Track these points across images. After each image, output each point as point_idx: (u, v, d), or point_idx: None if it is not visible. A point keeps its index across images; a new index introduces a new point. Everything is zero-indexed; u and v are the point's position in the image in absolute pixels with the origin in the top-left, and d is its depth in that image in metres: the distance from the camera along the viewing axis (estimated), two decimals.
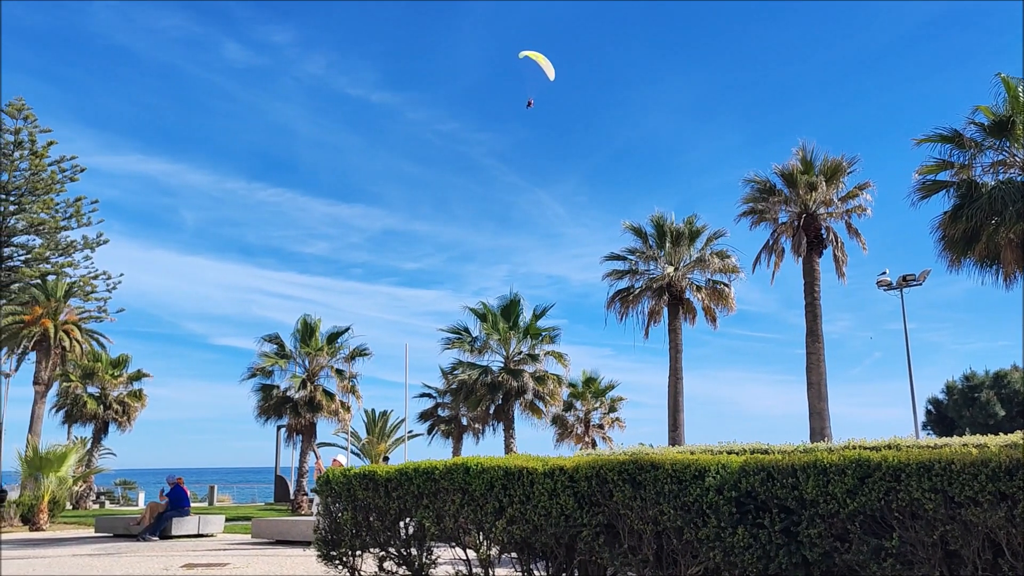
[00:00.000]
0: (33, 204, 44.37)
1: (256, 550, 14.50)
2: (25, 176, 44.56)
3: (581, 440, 36.70)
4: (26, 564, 12.47)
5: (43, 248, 44.48)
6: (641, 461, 6.47)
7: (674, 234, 28.75)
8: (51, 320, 35.92)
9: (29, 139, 44.78)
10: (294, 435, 31.01)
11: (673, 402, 27.34)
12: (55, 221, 44.78)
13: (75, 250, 45.36)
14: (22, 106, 45.12)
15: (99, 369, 35.83)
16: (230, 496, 44.58)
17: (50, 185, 44.94)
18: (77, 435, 36.51)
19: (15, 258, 44.60)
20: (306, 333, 30.64)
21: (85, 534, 19.27)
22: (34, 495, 21.14)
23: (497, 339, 29.97)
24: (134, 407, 36.36)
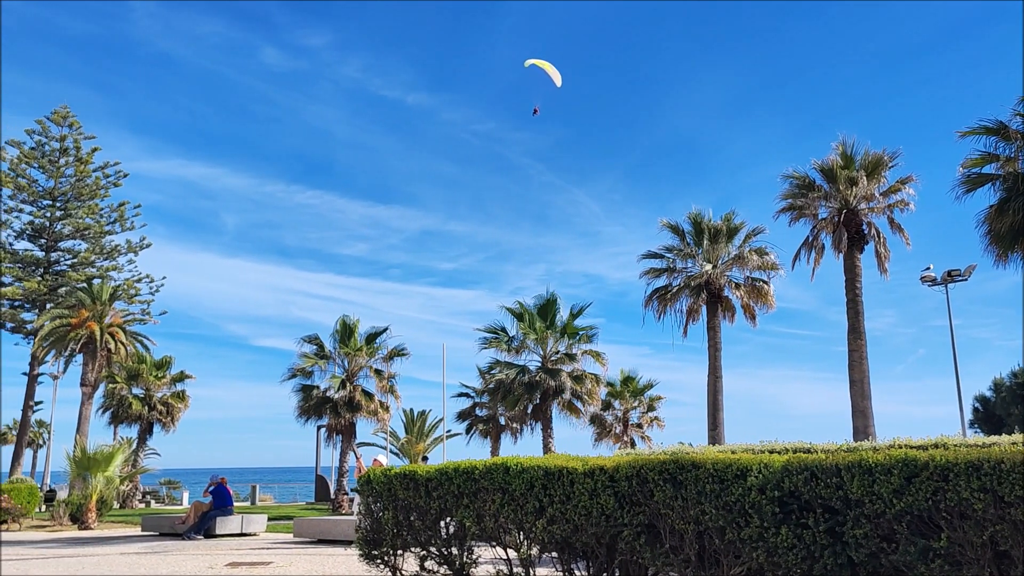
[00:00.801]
0: (79, 209, 45.37)
1: (298, 549, 14.66)
2: (71, 182, 45.58)
3: (620, 439, 36.56)
4: (76, 563, 12.74)
5: (88, 252, 45.43)
6: (682, 461, 6.43)
7: (712, 231, 28.52)
8: (97, 323, 36.62)
9: (74, 146, 45.81)
10: (334, 435, 31.27)
11: (712, 401, 27.13)
12: (100, 226, 45.72)
13: (119, 254, 46.30)
14: (67, 114, 46.13)
15: (143, 371, 36.47)
16: (272, 496, 45.12)
17: (95, 191, 45.91)
18: (123, 435, 37.22)
19: (62, 262, 45.62)
20: (345, 334, 30.87)
21: (132, 533, 19.63)
22: (82, 494, 21.57)
23: (534, 338, 29.95)
24: (177, 408, 36.96)
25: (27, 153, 44.51)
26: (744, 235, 28.66)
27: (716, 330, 27.78)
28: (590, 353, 30.25)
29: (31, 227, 45.04)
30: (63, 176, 45.53)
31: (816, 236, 26.38)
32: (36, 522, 23.09)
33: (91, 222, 45.44)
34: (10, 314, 43.56)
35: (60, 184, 45.40)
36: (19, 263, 44.05)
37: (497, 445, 35.34)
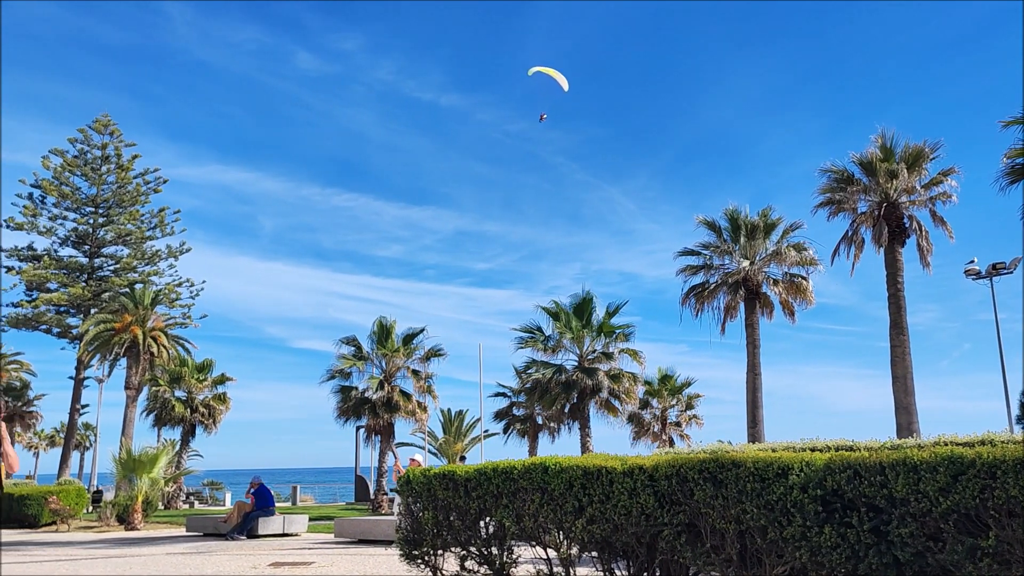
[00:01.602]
0: (120, 216, 46.20)
1: (339, 549, 14.79)
2: (112, 189, 46.43)
3: (658, 438, 36.36)
4: (124, 563, 12.97)
5: (130, 258, 46.24)
6: (722, 459, 6.39)
7: (749, 227, 28.25)
8: (139, 327, 37.25)
9: (115, 153, 46.65)
10: (373, 435, 31.50)
11: (752, 398, 26.88)
12: (141, 231, 46.52)
13: (160, 259, 47.06)
14: (108, 122, 46.98)
15: (185, 373, 37.01)
16: (312, 496, 45.56)
17: (136, 197, 46.72)
18: (166, 437, 37.79)
19: (105, 268, 46.49)
20: (382, 335, 31.09)
21: (177, 533, 19.95)
22: (128, 496, 21.97)
23: (570, 338, 29.89)
24: (219, 410, 37.45)
25: (70, 161, 45.41)
26: (782, 231, 28.36)
27: (754, 327, 27.52)
28: (627, 352, 30.11)
29: (75, 234, 45.95)
30: (105, 183, 46.39)
31: (856, 230, 26.00)
32: (84, 523, 23.57)
33: (132, 228, 46.24)
34: (56, 319, 44.48)
35: (102, 191, 46.27)
36: (64, 269, 44.96)
37: (534, 445, 35.34)
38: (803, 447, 11.23)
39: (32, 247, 45.45)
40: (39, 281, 44.00)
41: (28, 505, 23.63)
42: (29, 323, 44.29)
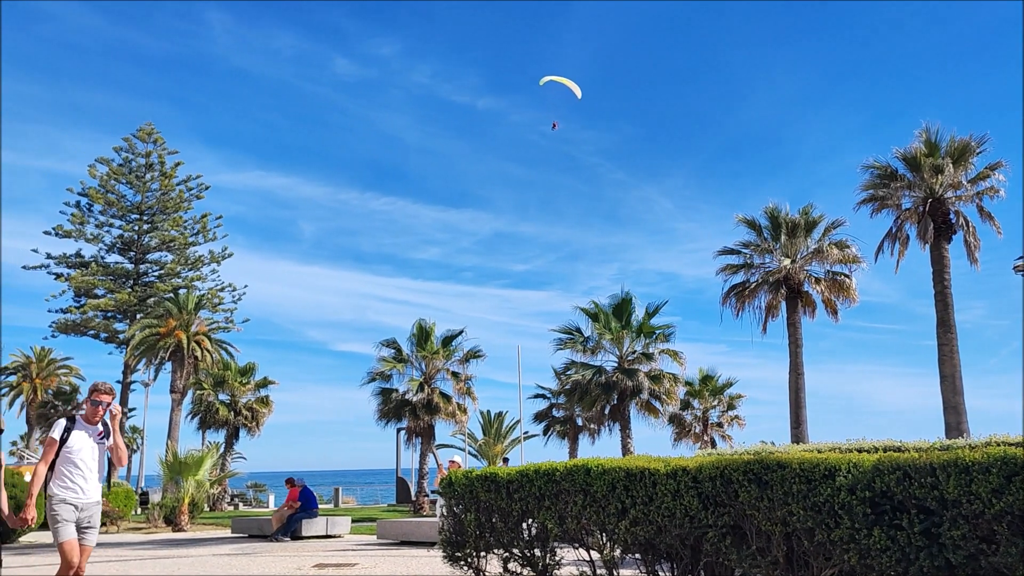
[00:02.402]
0: (164, 222, 47.02)
1: (382, 551, 14.88)
2: (156, 196, 47.27)
3: (700, 439, 36.07)
4: (172, 564, 13.19)
5: (174, 263, 47.04)
6: (767, 460, 6.31)
7: (789, 225, 27.92)
8: (184, 332, 37.87)
9: (159, 161, 47.49)
10: (413, 437, 31.64)
11: (794, 398, 26.55)
12: (184, 237, 47.29)
13: (203, 264, 47.83)
14: (151, 130, 47.85)
15: (229, 377, 37.52)
16: (354, 498, 45.92)
17: (179, 204, 47.52)
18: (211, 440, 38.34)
19: (150, 274, 47.34)
20: (422, 337, 31.23)
21: (222, 534, 20.23)
22: (175, 498, 22.34)
23: (610, 339, 29.77)
24: (262, 413, 37.91)
25: (115, 170, 46.32)
26: (823, 228, 27.99)
27: (796, 326, 27.19)
28: (667, 352, 29.91)
29: (121, 240, 46.85)
30: (149, 190, 47.25)
31: (900, 227, 25.58)
32: (133, 524, 24.01)
33: (176, 234, 47.03)
34: (103, 325, 45.40)
35: (147, 198, 47.14)
36: (111, 275, 45.86)
37: (575, 446, 35.25)
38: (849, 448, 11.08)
39: (80, 254, 46.45)
40: (87, 287, 44.94)
41: None
42: (78, 328, 45.27)
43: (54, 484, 6.69)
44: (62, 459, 6.73)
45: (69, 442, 6.78)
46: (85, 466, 6.79)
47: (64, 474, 6.71)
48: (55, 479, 6.70)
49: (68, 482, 6.69)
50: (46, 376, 54.75)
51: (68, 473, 6.71)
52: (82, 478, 6.75)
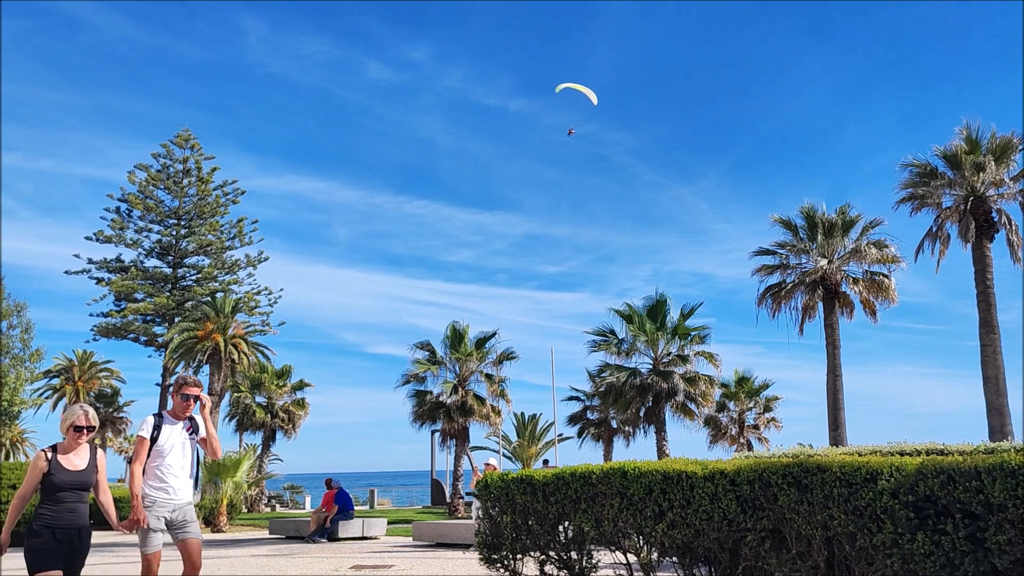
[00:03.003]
0: (201, 227, 47.62)
1: (418, 552, 14.93)
2: (193, 201, 47.89)
3: (736, 441, 35.76)
4: (212, 564, 13.35)
5: (211, 267, 47.62)
6: (806, 464, 6.23)
7: (826, 225, 27.58)
8: (221, 335, 38.30)
9: (196, 166, 48.12)
10: (448, 439, 31.72)
11: (832, 400, 26.21)
12: (221, 242, 47.87)
13: (239, 268, 48.35)
14: (188, 136, 48.50)
15: (265, 379, 37.89)
16: (389, 500, 46.13)
17: (215, 208, 48.10)
18: (248, 442, 38.75)
19: (187, 278, 47.98)
20: (455, 339, 31.30)
21: (260, 535, 20.44)
22: (214, 499, 22.63)
23: (644, 340, 29.62)
24: (298, 415, 38.22)
25: (154, 175, 47.02)
26: (861, 228, 27.61)
27: (834, 327, 26.85)
28: (703, 354, 29.69)
29: (159, 245, 47.54)
30: (186, 196, 47.89)
31: (940, 226, 25.17)
32: None
33: (213, 238, 47.62)
34: (143, 328, 46.10)
35: (184, 203, 47.78)
36: (150, 280, 46.56)
37: (609, 449, 35.11)
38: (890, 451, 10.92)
39: (120, 259, 47.19)
40: (127, 291, 45.66)
41: (120, 508, 24.50)
42: (118, 332, 46.00)
43: (145, 485, 6.38)
44: (152, 458, 6.41)
45: (159, 440, 6.44)
46: (176, 464, 6.48)
47: (155, 474, 6.40)
48: (146, 480, 6.40)
49: (160, 482, 6.40)
50: (88, 379, 55.78)
51: (159, 473, 6.40)
52: (174, 477, 6.45)
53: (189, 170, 47.98)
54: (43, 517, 5.70)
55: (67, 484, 5.72)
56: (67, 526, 5.68)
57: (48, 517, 5.69)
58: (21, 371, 21.12)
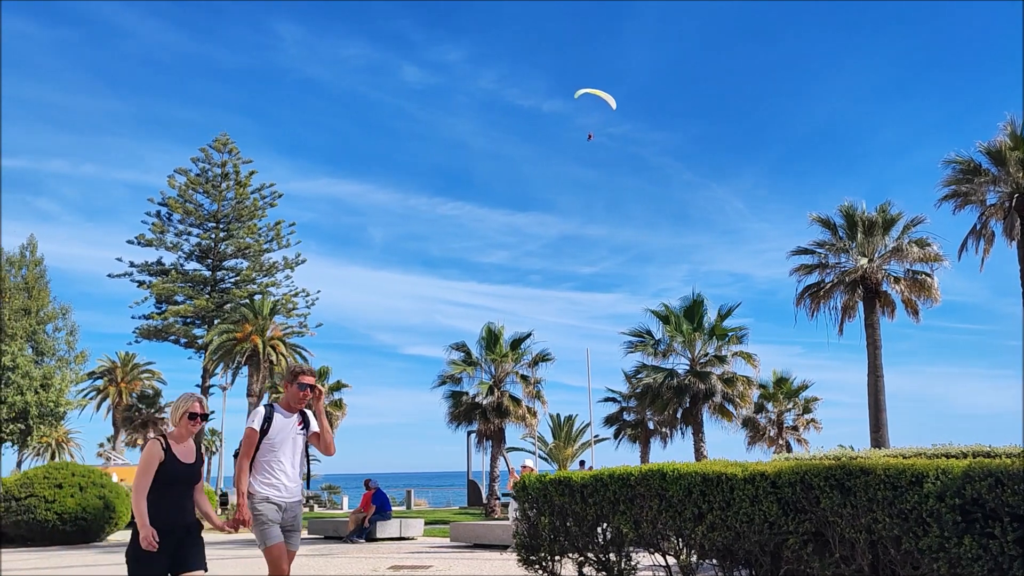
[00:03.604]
0: (239, 230, 48.22)
1: (455, 553, 14.97)
2: (232, 204, 48.51)
3: (774, 443, 35.37)
4: (252, 563, 13.50)
5: (250, 270, 48.20)
6: (850, 466, 6.15)
7: (866, 224, 27.16)
8: (259, 336, 38.76)
9: (234, 170, 48.73)
10: (484, 440, 31.77)
11: (874, 401, 25.82)
12: (259, 244, 48.43)
13: (277, 270, 48.88)
14: (226, 140, 49.14)
15: None
16: (426, 500, 46.31)
17: (253, 211, 48.67)
18: None
19: (226, 280, 48.61)
20: (490, 340, 31.34)
21: None
22: None
23: (681, 341, 29.42)
24: (335, 415, 38.52)
25: (193, 180, 47.71)
26: (902, 226, 27.14)
27: (875, 327, 26.44)
28: (740, 355, 29.42)
29: (199, 248, 48.22)
30: (225, 199, 48.52)
31: (985, 224, 24.67)
32: None
33: (251, 241, 48.19)
34: (183, 330, 46.79)
35: (222, 207, 48.41)
36: (189, 282, 47.24)
37: (646, 450, 34.91)
38: (935, 453, 10.71)
39: (160, 262, 47.95)
40: (167, 294, 46.38)
41: None
42: (159, 334, 46.74)
43: (254, 481, 5.88)
44: (262, 452, 5.93)
45: (270, 433, 5.96)
46: (287, 460, 5.99)
47: (265, 469, 5.92)
48: (255, 475, 5.90)
49: (270, 478, 5.91)
50: (130, 380, 56.74)
51: (270, 468, 5.92)
52: (283, 473, 5.96)
53: (227, 174, 48.60)
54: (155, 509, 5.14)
55: (179, 477, 5.29)
56: (176, 523, 5.22)
57: (162, 513, 5.16)
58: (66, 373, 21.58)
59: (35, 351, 21.15)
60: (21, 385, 20.23)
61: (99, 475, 20.11)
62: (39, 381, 20.80)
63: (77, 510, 18.43)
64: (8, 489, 18.78)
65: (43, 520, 17.98)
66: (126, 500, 20.35)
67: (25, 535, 18.14)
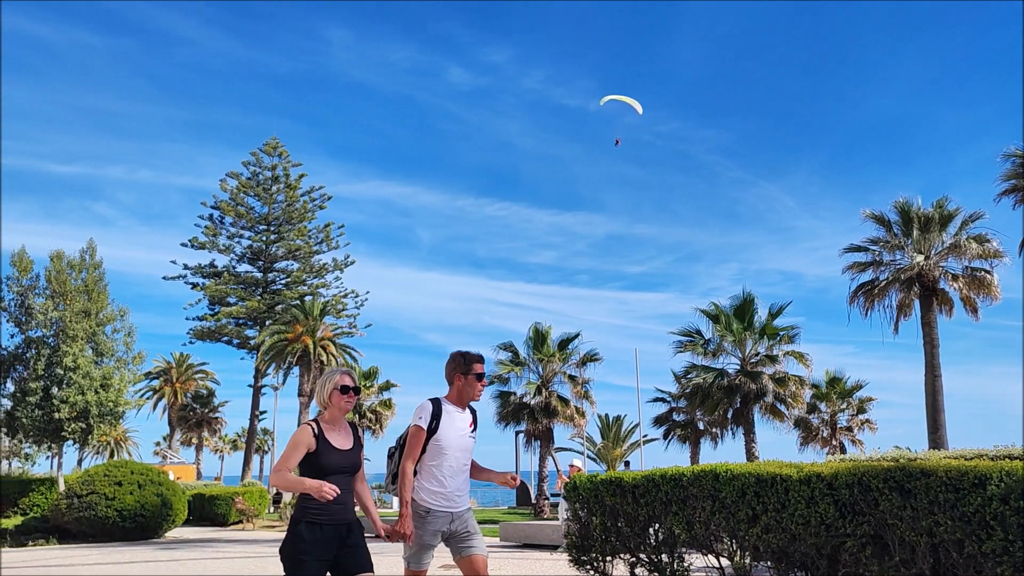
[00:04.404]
0: (290, 232, 48.90)
1: (505, 553, 14.99)
2: (282, 207, 49.21)
3: (827, 444, 34.78)
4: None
5: (300, 272, 48.86)
6: (910, 468, 6.02)
7: (922, 220, 26.54)
8: (310, 337, 39.24)
9: (284, 174, 49.44)
10: (532, 440, 31.78)
11: (931, 402, 25.22)
12: (309, 246, 49.05)
13: (327, 272, 49.46)
14: (276, 144, 49.86)
15: None
16: (475, 499, 46.46)
17: (303, 214, 49.32)
18: None
19: (277, 282, 49.33)
20: (538, 340, 31.34)
21: None
22: None
23: (731, 340, 29.08)
24: (385, 415, 38.85)
25: (244, 183, 48.51)
26: (960, 222, 26.44)
27: (932, 325, 25.82)
28: (792, 354, 28.98)
29: (250, 251, 49.01)
30: (275, 202, 49.24)
31: None
32: (267, 522, 25.06)
33: (301, 243, 48.84)
34: (236, 331, 47.61)
35: (273, 209, 49.13)
36: (242, 284, 48.06)
37: (696, 450, 34.59)
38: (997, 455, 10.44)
39: (213, 264, 48.84)
40: (220, 296, 47.23)
41: (217, 505, 25.40)
42: (213, 335, 47.63)
43: (420, 489, 5.07)
44: (430, 455, 5.12)
45: (438, 432, 5.12)
46: (457, 464, 5.16)
47: (433, 475, 5.08)
48: (420, 481, 5.09)
49: (437, 486, 5.08)
50: (185, 380, 57.91)
51: (438, 474, 5.08)
52: (452, 480, 5.13)
53: (277, 177, 49.32)
54: (308, 511, 4.40)
55: (335, 467, 4.50)
56: (336, 522, 4.44)
57: (315, 511, 4.40)
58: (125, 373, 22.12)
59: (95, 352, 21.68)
60: (82, 385, 20.75)
61: (156, 473, 20.58)
62: (99, 381, 21.31)
63: (136, 507, 18.88)
64: (71, 486, 19.31)
65: (104, 516, 18.45)
66: (183, 497, 20.79)
67: (87, 531, 18.63)
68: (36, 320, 21.49)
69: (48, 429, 20.92)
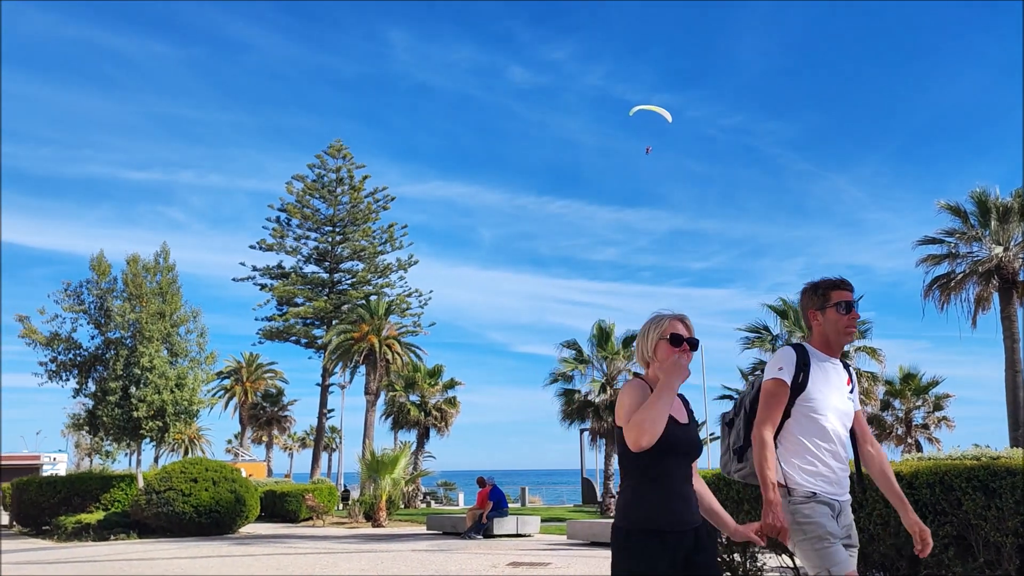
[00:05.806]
0: (355, 233, 49.61)
1: (573, 551, 14.97)
2: (346, 209, 49.95)
3: (903, 442, 33.85)
4: (375, 558, 13.88)
5: (365, 272, 49.54)
6: (994, 467, 5.83)
7: (1000, 210, 25.61)
8: (375, 336, 39.75)
9: (348, 175, 50.17)
10: (597, 438, 31.66)
11: (1012, 398, 24.35)
12: (373, 247, 49.70)
13: (391, 272, 50.04)
14: (340, 146, 50.63)
15: (418, 379, 39.02)
16: (540, 498, 46.50)
17: (367, 215, 49.99)
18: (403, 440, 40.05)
19: (343, 282, 50.10)
20: (602, 338, 31.20)
21: (418, 531, 21.06)
22: (373, 494, 23.50)
23: (800, 336, 28.52)
24: (450, 413, 39.12)
25: (310, 185, 49.37)
26: None
27: (1012, 319, 24.92)
28: (864, 349, 28.31)
29: (316, 252, 49.86)
30: (340, 204, 49.99)
31: None
32: (336, 519, 25.47)
33: (366, 244, 49.50)
34: (303, 331, 48.50)
35: (338, 211, 49.89)
36: (308, 285, 48.93)
37: None
38: None
39: (281, 265, 49.84)
40: (288, 296, 48.16)
41: (288, 502, 25.94)
42: (281, 335, 48.60)
43: (790, 468, 3.62)
44: (796, 421, 3.69)
45: (808, 388, 3.70)
46: (839, 436, 3.71)
47: (807, 448, 3.64)
48: (789, 457, 3.65)
49: (818, 464, 3.61)
50: (255, 379, 59.20)
51: (814, 448, 3.63)
52: (832, 454, 3.65)
53: (342, 179, 50.06)
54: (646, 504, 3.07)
55: (676, 446, 3.13)
56: (681, 527, 3.08)
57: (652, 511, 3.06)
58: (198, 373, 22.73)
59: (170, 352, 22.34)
60: (158, 385, 21.39)
61: (229, 470, 21.09)
62: (174, 381, 21.93)
63: (211, 503, 19.38)
64: (149, 483, 19.92)
65: (180, 512, 18.99)
66: (255, 494, 21.27)
67: (164, 526, 19.19)
68: (115, 322, 22.19)
69: (127, 427, 21.61)
